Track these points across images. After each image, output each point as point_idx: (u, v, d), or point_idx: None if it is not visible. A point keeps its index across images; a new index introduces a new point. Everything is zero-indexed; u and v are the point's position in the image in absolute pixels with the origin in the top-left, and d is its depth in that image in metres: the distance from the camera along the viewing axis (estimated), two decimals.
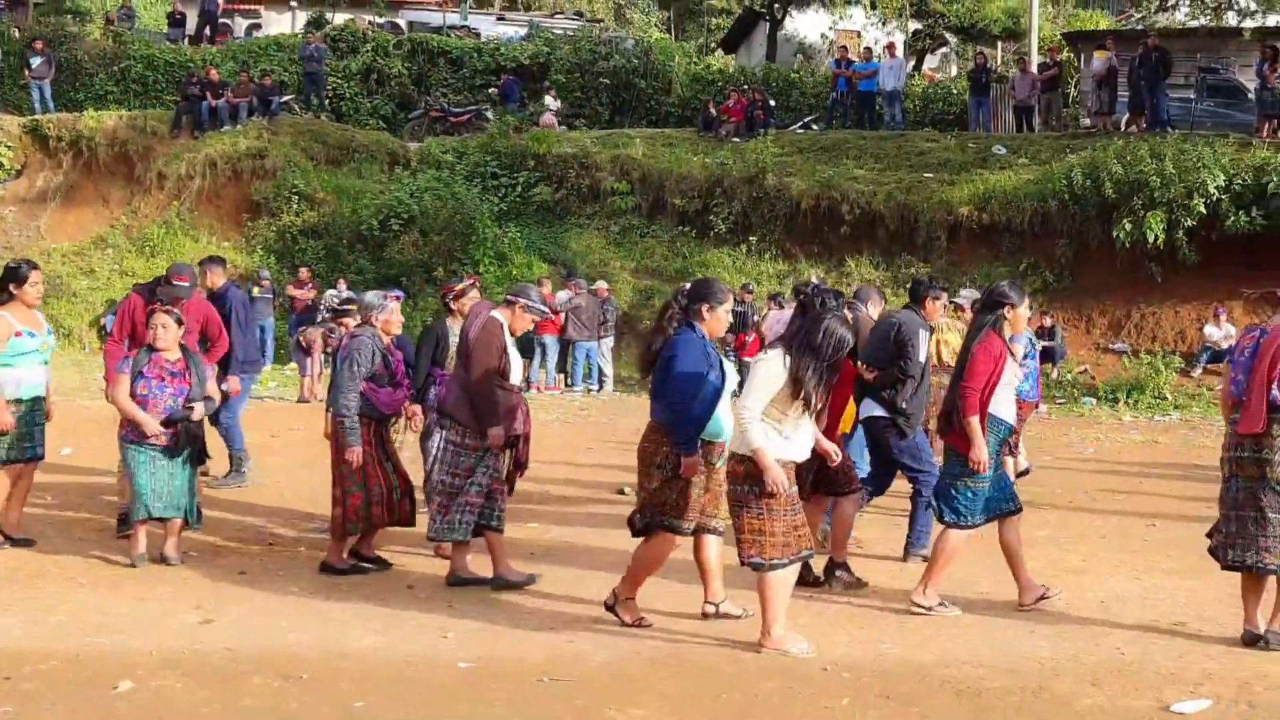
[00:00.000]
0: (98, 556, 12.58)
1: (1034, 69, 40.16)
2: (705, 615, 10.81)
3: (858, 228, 32.93)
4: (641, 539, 10.58)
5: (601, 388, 28.89)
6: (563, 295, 29.38)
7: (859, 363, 12.42)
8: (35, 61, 40.83)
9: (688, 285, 10.95)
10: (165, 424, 12.06)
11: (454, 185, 35.71)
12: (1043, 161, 32.68)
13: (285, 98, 41.31)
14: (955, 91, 44.52)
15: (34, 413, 12.68)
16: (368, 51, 45.98)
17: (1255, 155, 29.18)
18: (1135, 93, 36.12)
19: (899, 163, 35.12)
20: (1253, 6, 32.55)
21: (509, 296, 12.05)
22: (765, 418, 9.61)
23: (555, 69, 45.62)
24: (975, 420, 10.77)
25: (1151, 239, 28.52)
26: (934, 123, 42.11)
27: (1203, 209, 28.32)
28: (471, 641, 10.25)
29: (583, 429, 23.01)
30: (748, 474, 9.70)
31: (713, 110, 40.26)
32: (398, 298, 13.20)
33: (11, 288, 12.59)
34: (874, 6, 53.26)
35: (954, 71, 55.38)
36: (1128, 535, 14.59)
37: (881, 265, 31.81)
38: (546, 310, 13.47)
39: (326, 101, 43.14)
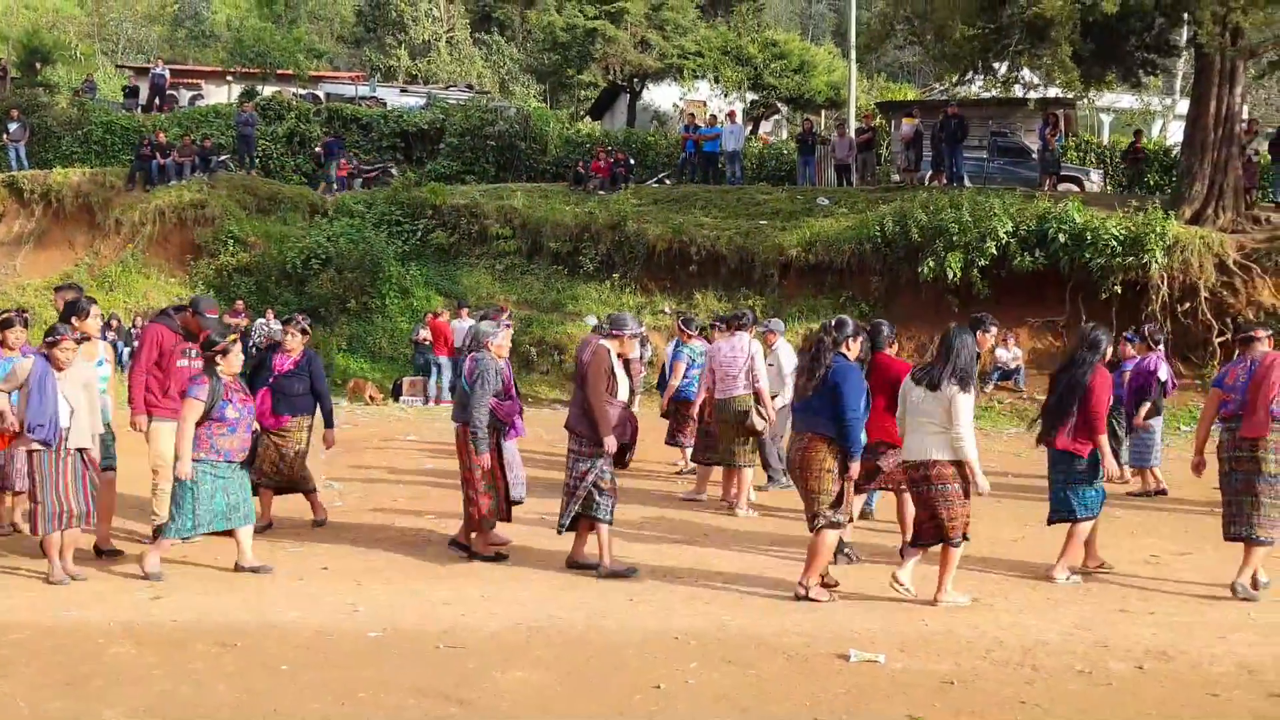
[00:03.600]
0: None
1: (852, 133, 40.47)
2: (798, 596, 11.09)
3: (704, 266, 32.98)
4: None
5: None
6: (457, 323, 29.31)
7: None
8: (12, 127, 40.96)
9: (831, 323, 11.25)
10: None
11: (364, 231, 35.61)
12: (859, 211, 32.84)
13: (222, 157, 41.12)
14: (786, 152, 44.68)
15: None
16: (292, 118, 46.12)
17: (1038, 206, 29.42)
18: (937, 153, 36.54)
19: (739, 212, 35.20)
20: (1036, 80, 32.93)
21: (614, 331, 12.11)
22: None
23: (449, 133, 45.67)
24: (1105, 439, 11.74)
25: (951, 276, 28.74)
26: (768, 178, 42.22)
27: (994, 251, 28.57)
28: (379, 614, 10.35)
29: None
30: (951, 476, 10.74)
31: (582, 168, 40.36)
32: (509, 325, 13.29)
33: (74, 320, 12.27)
34: (717, 80, 53.63)
35: (785, 135, 55.69)
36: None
37: (724, 298, 31.85)
38: (644, 332, 13.52)
39: (257, 160, 43.10)
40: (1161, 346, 18.17)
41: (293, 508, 14.75)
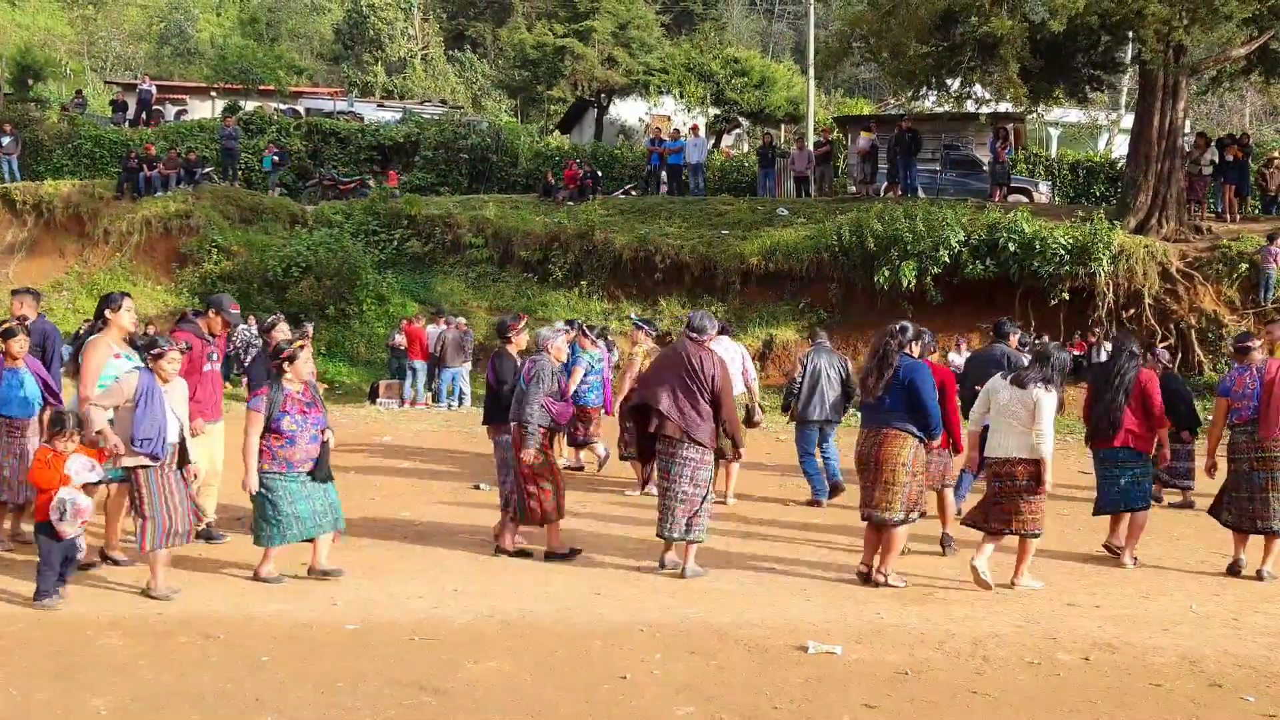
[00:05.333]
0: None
1: (810, 146, 40.65)
2: (878, 583, 11.39)
3: (669, 274, 33.04)
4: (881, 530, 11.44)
5: (461, 404, 28.69)
6: (431, 329, 29.30)
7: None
8: (4, 141, 40.96)
9: (898, 328, 11.66)
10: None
11: (343, 240, 35.55)
12: (817, 221, 32.87)
13: (206, 169, 41.06)
14: (747, 164, 44.74)
15: None
16: (273, 132, 46.36)
17: (989, 216, 29.57)
18: (892, 165, 36.60)
19: (701, 222, 35.27)
20: (986, 96, 33.01)
21: (703, 337, 11.85)
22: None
23: (424, 146, 45.84)
24: (1165, 431, 13.06)
25: (905, 283, 28.83)
26: (730, 189, 42.27)
27: (946, 259, 28.70)
28: (356, 608, 10.32)
29: (448, 436, 22.93)
30: (1032, 474, 11.16)
31: (551, 179, 40.45)
32: (567, 332, 13.27)
33: (108, 313, 11.89)
34: (681, 96, 53.78)
35: (746, 148, 55.76)
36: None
37: (688, 305, 31.83)
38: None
39: (240, 172, 43.27)
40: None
41: None
